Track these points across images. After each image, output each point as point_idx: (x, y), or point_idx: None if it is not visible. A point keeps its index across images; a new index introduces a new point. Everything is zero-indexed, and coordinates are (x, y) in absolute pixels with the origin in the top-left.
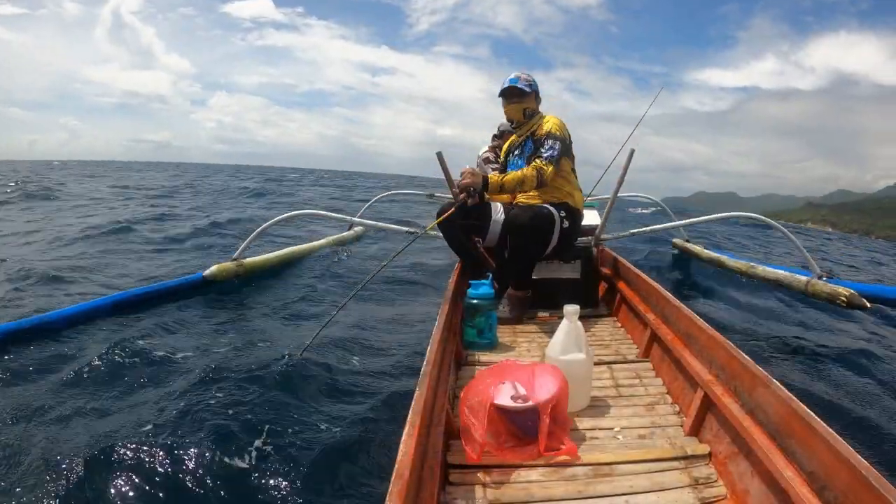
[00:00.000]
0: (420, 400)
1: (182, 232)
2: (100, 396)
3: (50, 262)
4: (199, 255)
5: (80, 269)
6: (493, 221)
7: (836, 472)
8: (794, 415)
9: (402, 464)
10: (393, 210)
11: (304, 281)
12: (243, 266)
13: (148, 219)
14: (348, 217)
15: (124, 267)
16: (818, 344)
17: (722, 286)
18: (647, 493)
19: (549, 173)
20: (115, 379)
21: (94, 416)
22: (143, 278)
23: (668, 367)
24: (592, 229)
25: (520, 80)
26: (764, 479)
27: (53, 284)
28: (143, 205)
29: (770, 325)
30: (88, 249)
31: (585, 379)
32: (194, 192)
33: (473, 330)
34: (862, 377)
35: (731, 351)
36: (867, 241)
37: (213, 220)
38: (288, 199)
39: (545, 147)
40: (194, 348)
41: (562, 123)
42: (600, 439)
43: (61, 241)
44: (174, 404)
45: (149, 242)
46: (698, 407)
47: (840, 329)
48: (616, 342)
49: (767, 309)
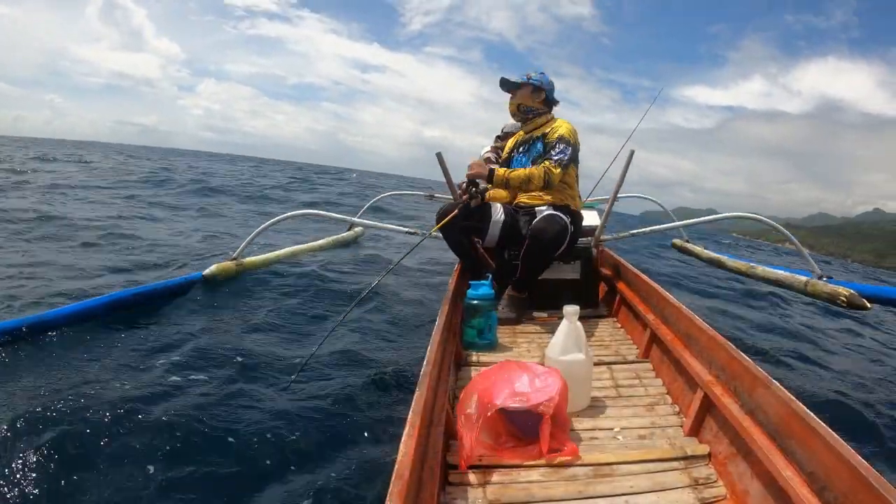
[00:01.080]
0: (420, 400)
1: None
2: (97, 397)
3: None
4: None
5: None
6: (493, 222)
7: (836, 472)
8: (794, 415)
9: (402, 464)
10: (393, 210)
11: (303, 281)
12: (243, 265)
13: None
14: (348, 217)
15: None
16: (818, 344)
17: (721, 286)
18: (647, 493)
19: (556, 175)
20: (112, 380)
21: (91, 416)
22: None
23: (668, 367)
24: (592, 230)
25: (525, 76)
26: (764, 480)
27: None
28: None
29: (769, 326)
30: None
31: (585, 379)
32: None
33: (473, 330)
34: (862, 377)
35: (731, 351)
36: (845, 264)
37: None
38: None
39: (556, 150)
40: (193, 348)
41: (574, 130)
42: (600, 440)
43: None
44: (173, 404)
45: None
46: (698, 407)
47: (840, 329)
48: (616, 343)
49: (767, 309)
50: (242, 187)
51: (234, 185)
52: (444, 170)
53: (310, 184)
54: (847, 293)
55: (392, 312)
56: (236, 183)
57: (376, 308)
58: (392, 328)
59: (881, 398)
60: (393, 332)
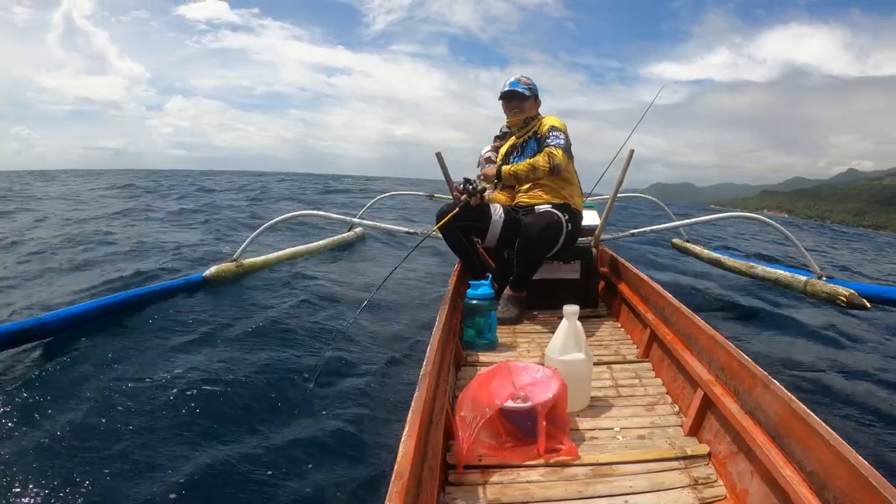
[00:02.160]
0: (420, 400)
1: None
2: (97, 398)
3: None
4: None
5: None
6: (493, 222)
7: (836, 472)
8: (794, 415)
9: (402, 464)
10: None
11: (304, 282)
12: (243, 267)
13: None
14: (348, 218)
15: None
16: (817, 344)
17: (721, 287)
18: (647, 493)
19: (560, 158)
20: (112, 380)
21: (89, 417)
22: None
23: (668, 367)
24: (592, 229)
25: (520, 83)
26: (764, 479)
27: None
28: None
29: (769, 326)
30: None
31: (585, 379)
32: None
33: (473, 330)
34: (862, 377)
35: (730, 351)
36: (824, 226)
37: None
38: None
39: (550, 137)
40: (193, 349)
41: (562, 122)
42: (600, 439)
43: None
44: (172, 404)
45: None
46: (698, 407)
47: (839, 329)
48: (616, 342)
49: (766, 310)
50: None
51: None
52: (443, 170)
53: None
54: (847, 293)
55: (392, 312)
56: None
57: (376, 308)
58: (391, 328)
59: (881, 398)
60: (392, 333)
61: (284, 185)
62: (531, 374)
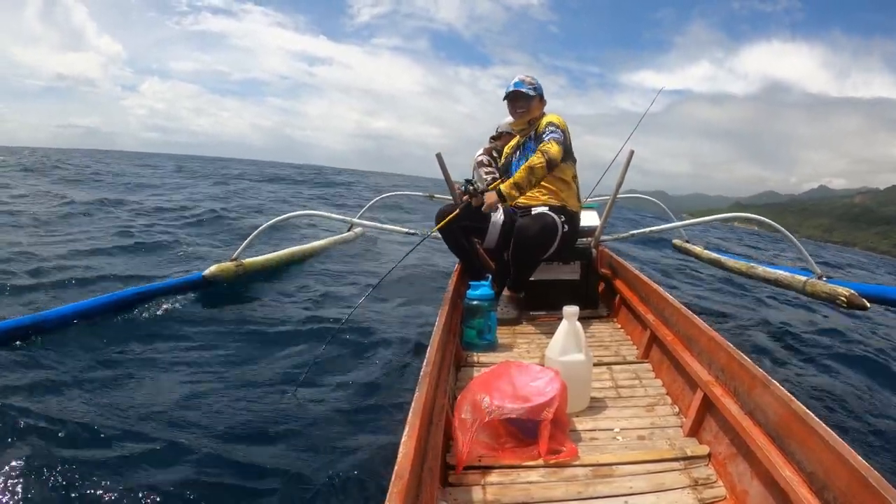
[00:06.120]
0: (420, 401)
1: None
2: (95, 397)
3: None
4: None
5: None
6: (492, 223)
7: (836, 472)
8: (794, 415)
9: (402, 464)
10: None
11: (303, 281)
12: (243, 266)
13: None
14: (348, 218)
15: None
16: (817, 345)
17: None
18: (647, 493)
19: (554, 151)
20: (111, 379)
21: (88, 417)
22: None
23: (668, 368)
24: (592, 230)
25: (524, 83)
26: (763, 480)
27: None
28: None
29: (768, 326)
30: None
31: (585, 380)
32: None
33: (473, 331)
34: (862, 378)
35: (730, 352)
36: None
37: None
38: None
39: (546, 133)
40: (193, 348)
41: (562, 120)
42: (600, 440)
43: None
44: (172, 404)
45: None
46: (698, 408)
47: (839, 329)
48: (615, 343)
49: (766, 310)
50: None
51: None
52: (443, 170)
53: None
54: (847, 293)
55: (391, 313)
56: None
57: (376, 308)
58: (391, 329)
59: (881, 398)
60: (393, 333)
61: (274, 186)
62: (531, 375)
